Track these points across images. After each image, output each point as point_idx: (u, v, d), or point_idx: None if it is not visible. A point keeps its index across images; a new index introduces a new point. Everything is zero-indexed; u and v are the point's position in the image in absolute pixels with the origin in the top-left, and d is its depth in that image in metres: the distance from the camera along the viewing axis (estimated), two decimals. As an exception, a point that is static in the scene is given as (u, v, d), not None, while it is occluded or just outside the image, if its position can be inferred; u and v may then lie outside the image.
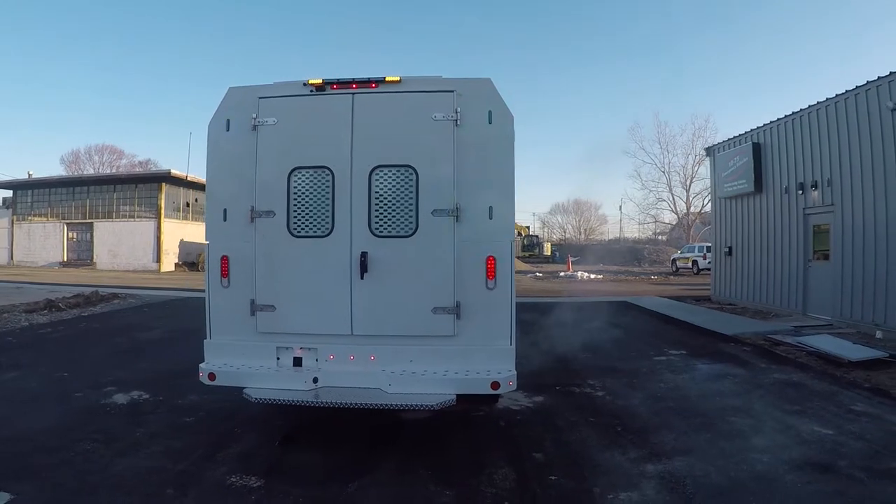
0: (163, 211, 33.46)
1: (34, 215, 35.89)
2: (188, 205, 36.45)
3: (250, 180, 4.53)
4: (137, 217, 33.94)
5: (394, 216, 4.44)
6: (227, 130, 4.59)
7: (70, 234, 34.96)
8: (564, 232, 63.93)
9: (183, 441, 4.73)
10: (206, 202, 4.77)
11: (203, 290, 4.85)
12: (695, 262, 32.39)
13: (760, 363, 7.86)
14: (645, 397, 6.20)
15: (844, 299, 10.45)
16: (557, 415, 5.54)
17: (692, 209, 49.10)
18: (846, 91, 10.33)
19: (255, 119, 4.51)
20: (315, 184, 4.49)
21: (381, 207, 4.44)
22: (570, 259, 36.04)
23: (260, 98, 4.54)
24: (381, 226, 4.44)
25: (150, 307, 14.35)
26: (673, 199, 50.14)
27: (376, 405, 4.18)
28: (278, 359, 4.53)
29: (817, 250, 11.80)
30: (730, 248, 15.22)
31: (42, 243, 34.97)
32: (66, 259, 34.58)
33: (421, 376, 4.29)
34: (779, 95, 73.46)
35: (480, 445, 4.68)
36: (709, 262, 30.12)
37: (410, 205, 4.42)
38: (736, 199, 14.87)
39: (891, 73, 9.17)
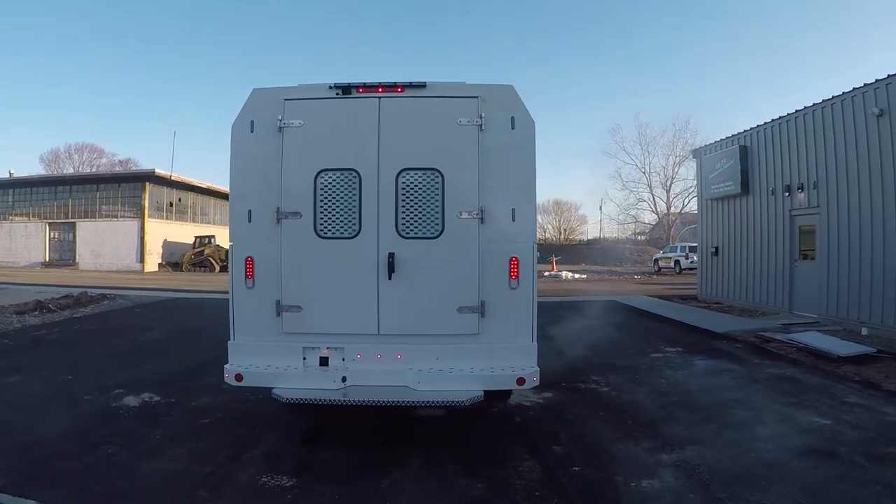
0: (146, 210, 33.15)
1: (15, 215, 35.25)
2: (171, 204, 36.17)
3: (276, 181, 4.60)
4: (120, 217, 33.56)
5: (420, 218, 4.57)
6: (252, 132, 4.64)
7: (52, 234, 34.42)
8: (544, 232, 64.25)
9: (205, 443, 4.77)
10: (229, 203, 4.81)
11: (195, 291, 4.94)
12: (677, 262, 33.01)
13: (754, 359, 8.16)
14: (649, 392, 6.42)
15: (830, 298, 10.83)
16: (568, 410, 5.73)
17: (672, 209, 49.94)
18: (833, 97, 10.72)
19: (280, 121, 4.58)
20: (342, 186, 4.59)
21: (407, 209, 4.57)
22: (554, 259, 36.41)
23: (285, 100, 4.61)
24: (407, 227, 4.57)
25: (142, 308, 14.24)
26: (653, 199, 50.98)
27: (406, 402, 4.32)
28: (304, 359, 4.61)
29: (803, 250, 12.20)
30: (716, 249, 15.60)
31: (24, 243, 34.34)
32: (48, 259, 34.05)
33: (448, 373, 4.43)
34: (758, 98, 74.79)
35: (500, 440, 4.84)
36: (691, 262, 30.87)
37: (437, 207, 4.55)
38: (722, 201, 15.25)
39: (876, 80, 9.55)
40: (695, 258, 29.67)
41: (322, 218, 4.61)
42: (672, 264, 33.49)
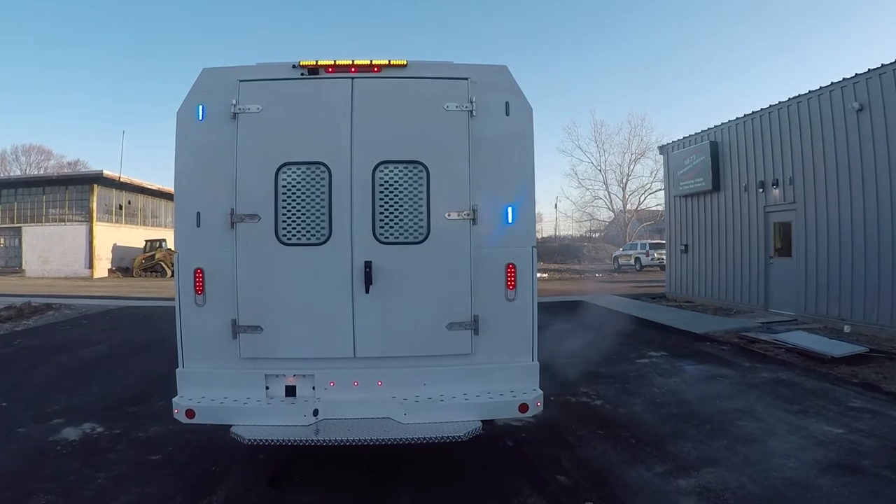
0: (95, 214, 31.52)
1: (-43, 220, 33.08)
2: (121, 207, 34.59)
3: (229, 178, 3.91)
4: (68, 221, 31.86)
5: (402, 219, 3.96)
6: (201, 119, 3.93)
7: (-3, 240, 32.51)
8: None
9: (155, 486, 4.07)
10: (175, 204, 4.09)
11: (145, 298, 4.27)
12: (637, 259, 33.32)
13: (744, 362, 7.87)
14: (644, 404, 6.01)
15: (809, 295, 10.74)
16: (563, 429, 5.24)
17: (628, 206, 50.49)
18: (809, 91, 10.64)
19: (234, 106, 3.89)
20: (308, 182, 3.94)
21: (386, 210, 3.95)
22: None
23: (240, 81, 3.92)
24: (387, 231, 3.95)
25: (89, 318, 13.24)
26: (609, 196, 51.30)
27: (391, 440, 3.65)
28: (267, 388, 3.95)
29: (777, 247, 12.11)
30: (686, 246, 15.48)
31: (-33, 250, 32.27)
32: (-7, 266, 32.10)
33: (439, 402, 3.84)
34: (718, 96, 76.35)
35: (497, 470, 4.31)
36: (651, 260, 31.16)
37: (421, 206, 3.95)
38: (692, 197, 15.13)
39: (856, 74, 9.48)
40: (655, 255, 30.11)
41: (285, 221, 3.94)
42: (632, 262, 33.77)
